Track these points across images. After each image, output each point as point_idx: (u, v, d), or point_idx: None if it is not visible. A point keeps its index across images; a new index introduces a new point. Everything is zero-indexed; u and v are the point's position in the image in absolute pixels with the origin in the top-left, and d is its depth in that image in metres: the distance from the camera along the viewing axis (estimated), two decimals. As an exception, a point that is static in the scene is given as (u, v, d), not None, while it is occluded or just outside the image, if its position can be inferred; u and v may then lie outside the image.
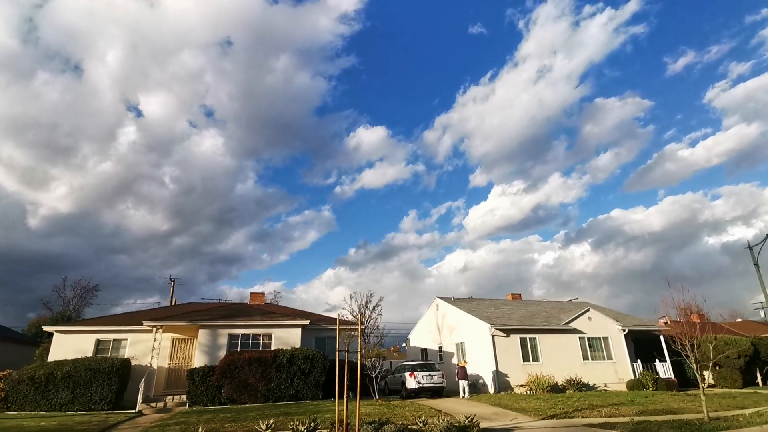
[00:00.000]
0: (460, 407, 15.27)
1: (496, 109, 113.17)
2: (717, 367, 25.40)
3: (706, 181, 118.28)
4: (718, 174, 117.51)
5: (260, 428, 9.18)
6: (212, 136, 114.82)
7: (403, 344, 31.84)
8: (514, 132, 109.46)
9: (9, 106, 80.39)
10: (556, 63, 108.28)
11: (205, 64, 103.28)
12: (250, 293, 23.67)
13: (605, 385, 21.95)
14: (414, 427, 9.76)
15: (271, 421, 9.50)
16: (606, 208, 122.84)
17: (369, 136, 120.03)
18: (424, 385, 18.20)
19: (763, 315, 56.62)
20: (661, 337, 24.67)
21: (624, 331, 23.33)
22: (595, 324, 23.26)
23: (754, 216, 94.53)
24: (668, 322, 34.56)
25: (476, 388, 21.05)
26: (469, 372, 21.64)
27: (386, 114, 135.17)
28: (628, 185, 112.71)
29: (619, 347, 23.11)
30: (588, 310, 23.49)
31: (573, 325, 22.68)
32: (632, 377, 22.37)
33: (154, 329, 16.52)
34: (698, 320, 31.63)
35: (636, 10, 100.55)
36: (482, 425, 11.38)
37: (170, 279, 38.77)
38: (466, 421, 10.24)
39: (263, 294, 23.93)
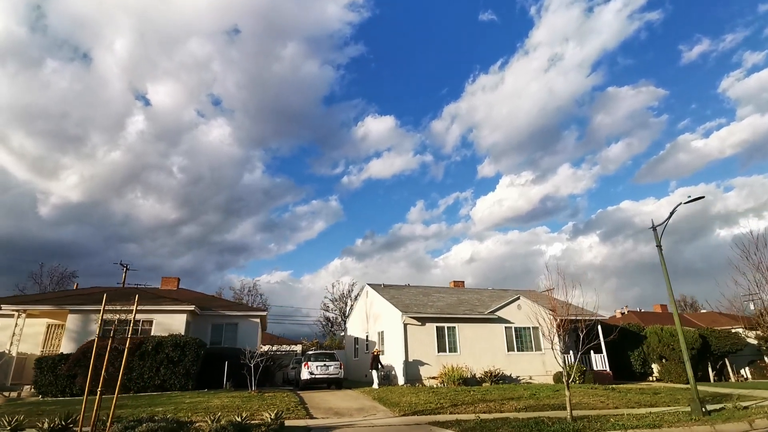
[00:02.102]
0: (333, 401, 14.00)
1: (505, 98, 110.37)
2: (663, 360, 23.97)
3: (718, 173, 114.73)
4: (731, 165, 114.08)
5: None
6: (220, 125, 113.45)
7: (342, 333, 30.73)
8: (523, 122, 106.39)
9: (19, 95, 79.88)
10: (568, 51, 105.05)
11: (212, 52, 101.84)
12: (162, 278, 22.52)
13: (530, 378, 20.61)
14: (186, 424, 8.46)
15: (22, 417, 8.28)
16: (615, 200, 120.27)
17: (377, 126, 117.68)
18: (317, 376, 16.96)
19: (752, 307, 54.77)
20: (599, 328, 23.19)
21: (556, 320, 21.83)
22: (525, 313, 21.81)
23: (766, 208, 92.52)
24: (625, 313, 33.11)
25: (389, 379, 19.80)
26: (385, 362, 20.47)
27: (394, 103, 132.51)
28: (639, 176, 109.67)
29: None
30: (518, 299, 22.06)
31: (500, 314, 21.27)
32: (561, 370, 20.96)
33: (16, 314, 15.38)
34: (660, 311, 29.50)
35: None
36: (326, 422, 10.17)
37: (121, 264, 37.83)
38: (270, 418, 8.95)
39: (177, 279, 22.68)
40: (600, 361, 22.15)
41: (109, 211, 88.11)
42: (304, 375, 16.99)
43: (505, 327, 21.20)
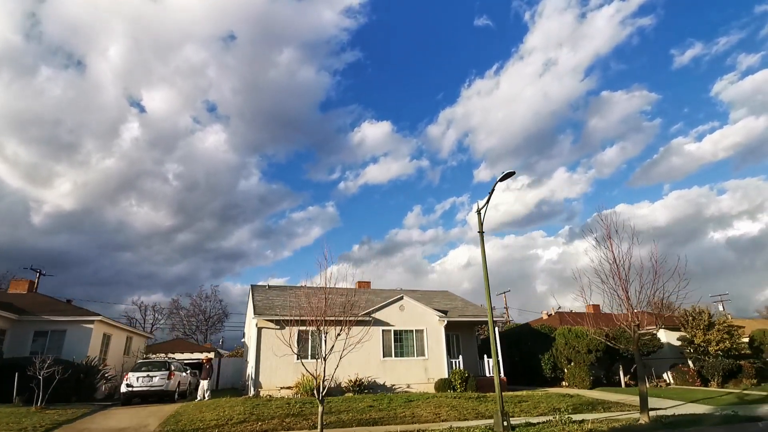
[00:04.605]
0: (105, 422, 11.92)
1: (501, 103, 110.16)
2: (570, 363, 21.93)
3: (712, 176, 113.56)
4: (725, 168, 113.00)
5: None
6: (215, 131, 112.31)
7: (243, 339, 28.83)
8: (519, 126, 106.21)
9: (12, 102, 78.47)
10: (562, 56, 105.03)
11: (208, 58, 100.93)
12: (11, 281, 20.58)
13: (408, 386, 18.55)
14: None
15: None
16: (610, 204, 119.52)
17: (373, 131, 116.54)
18: (135, 389, 14.90)
19: (721, 308, 52.81)
20: (496, 331, 21.16)
21: (444, 322, 19.88)
22: (408, 314, 19.82)
23: (760, 210, 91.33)
24: (552, 314, 31.04)
25: (245, 389, 17.79)
26: (248, 371, 18.48)
27: (391, 109, 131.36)
28: (634, 180, 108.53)
29: (436, 342, 19.65)
30: (401, 298, 20.05)
31: (377, 315, 19.25)
32: (447, 376, 18.94)
33: None
34: (592, 311, 27.03)
35: (643, 2, 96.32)
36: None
37: (31, 268, 35.82)
38: None
39: (29, 282, 20.73)
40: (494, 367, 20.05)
41: (103, 219, 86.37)
42: (122, 388, 14.96)
43: (383, 330, 19.18)
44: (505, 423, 9.83)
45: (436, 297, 24.14)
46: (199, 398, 15.28)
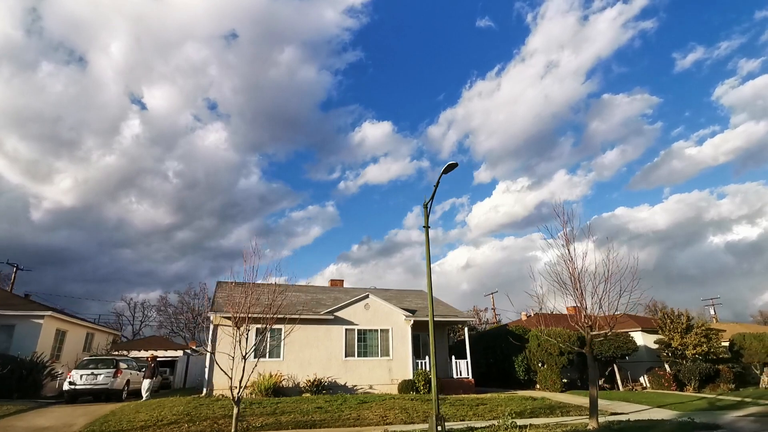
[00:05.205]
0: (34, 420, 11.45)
1: (502, 104, 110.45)
2: (543, 365, 21.37)
3: (712, 180, 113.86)
4: (725, 172, 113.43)
5: None
6: (216, 130, 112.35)
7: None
8: (519, 128, 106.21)
9: (13, 98, 78.85)
10: (564, 58, 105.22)
11: (209, 56, 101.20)
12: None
13: (370, 387, 18.01)
14: None
15: None
16: (610, 206, 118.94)
17: (374, 131, 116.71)
18: (78, 387, 14.38)
19: (713, 311, 52.16)
20: (465, 331, 20.65)
21: (410, 321, 19.33)
22: (373, 314, 19.28)
23: (759, 215, 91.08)
24: (531, 315, 30.44)
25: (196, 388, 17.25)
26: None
27: (392, 109, 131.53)
28: (634, 183, 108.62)
29: (402, 342, 19.10)
30: (366, 296, 19.51)
31: (341, 314, 18.71)
32: (411, 377, 18.38)
33: None
34: (573, 312, 26.23)
35: (645, 5, 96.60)
36: None
37: (8, 263, 35.28)
38: None
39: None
40: (464, 368, 19.55)
41: (103, 216, 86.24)
42: (65, 386, 14.45)
43: (347, 329, 18.64)
44: (440, 428, 9.28)
45: (408, 296, 23.60)
46: (144, 398, 14.75)
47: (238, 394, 8.67)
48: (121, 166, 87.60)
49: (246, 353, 9.28)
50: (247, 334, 10.44)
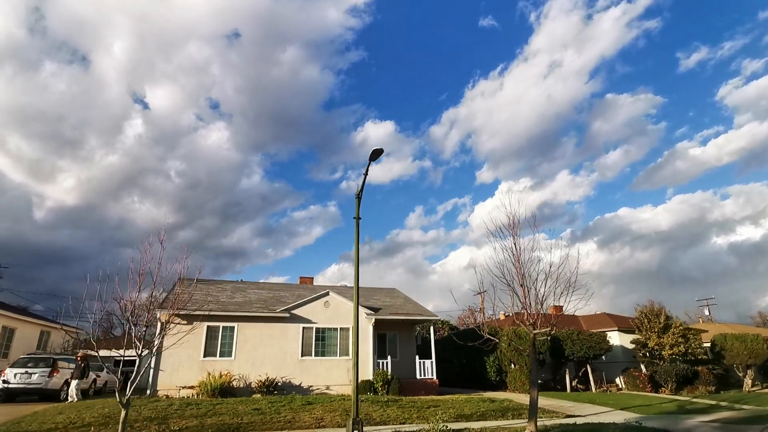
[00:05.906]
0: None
1: (504, 104, 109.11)
2: (513, 366, 20.65)
3: (715, 180, 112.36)
4: (728, 173, 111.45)
5: None
6: (218, 129, 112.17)
7: None
8: (522, 128, 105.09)
9: (16, 97, 78.70)
10: (567, 58, 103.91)
11: (211, 56, 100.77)
12: None
13: (327, 388, 17.35)
14: None
15: None
16: (613, 207, 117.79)
17: (376, 131, 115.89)
18: (12, 386, 13.83)
19: (707, 312, 51.14)
20: (431, 330, 19.95)
21: (371, 320, 18.65)
22: (333, 312, 18.62)
23: (763, 216, 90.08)
24: (510, 315, 29.66)
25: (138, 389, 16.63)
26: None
27: (394, 108, 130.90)
28: (637, 183, 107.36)
29: (362, 341, 18.37)
30: (327, 294, 18.84)
31: (298, 312, 18.07)
32: (370, 378, 17.71)
33: None
34: (554, 312, 25.50)
35: (649, 4, 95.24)
36: None
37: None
38: None
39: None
40: (429, 368, 18.86)
41: (105, 215, 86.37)
42: (-1, 384, 13.90)
43: (304, 327, 17.99)
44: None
45: (376, 294, 22.94)
46: (70, 399, 14.14)
47: (126, 396, 7.97)
48: (124, 166, 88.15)
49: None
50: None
